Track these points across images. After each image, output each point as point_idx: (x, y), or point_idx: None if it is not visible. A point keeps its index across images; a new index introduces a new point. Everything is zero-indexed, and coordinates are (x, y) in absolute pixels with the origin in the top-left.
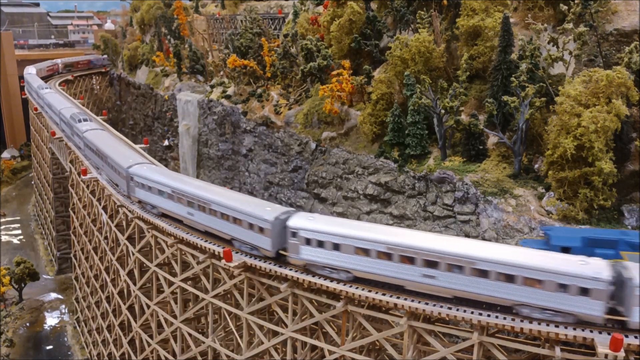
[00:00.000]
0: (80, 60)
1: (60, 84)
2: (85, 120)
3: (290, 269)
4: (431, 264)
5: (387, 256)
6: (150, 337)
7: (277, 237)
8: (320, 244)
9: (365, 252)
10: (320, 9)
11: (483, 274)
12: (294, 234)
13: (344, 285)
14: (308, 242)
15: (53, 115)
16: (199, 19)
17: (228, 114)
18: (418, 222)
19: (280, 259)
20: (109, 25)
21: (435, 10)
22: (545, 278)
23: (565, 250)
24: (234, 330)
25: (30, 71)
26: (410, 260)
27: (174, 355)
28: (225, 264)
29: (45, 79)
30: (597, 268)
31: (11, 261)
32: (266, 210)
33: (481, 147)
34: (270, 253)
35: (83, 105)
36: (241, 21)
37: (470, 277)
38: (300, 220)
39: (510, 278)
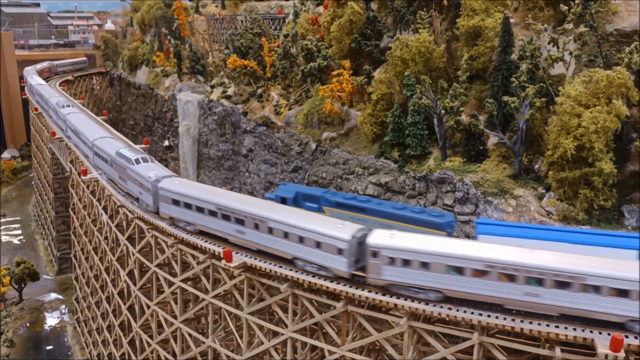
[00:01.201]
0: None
1: (60, 84)
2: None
3: (290, 269)
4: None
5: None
6: (151, 337)
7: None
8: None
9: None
10: (321, 9)
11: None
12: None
13: (344, 285)
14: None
15: (83, 147)
16: (199, 19)
17: (228, 114)
18: None
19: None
20: (109, 26)
21: (435, 11)
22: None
23: (283, 200)
24: (234, 330)
25: (39, 81)
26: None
27: (174, 355)
28: (225, 264)
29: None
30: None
31: (11, 261)
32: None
33: (481, 147)
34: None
35: (83, 106)
36: (241, 21)
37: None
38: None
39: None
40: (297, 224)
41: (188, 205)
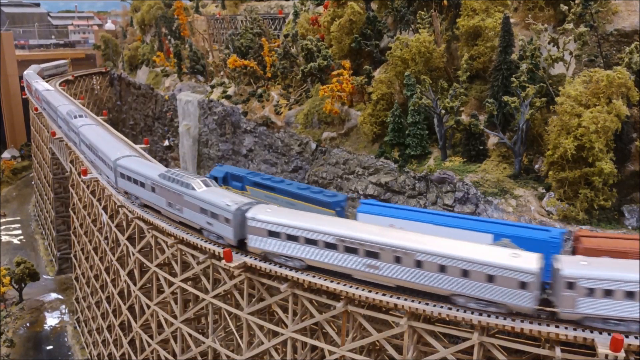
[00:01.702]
0: None
1: (60, 84)
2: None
3: (290, 269)
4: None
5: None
6: (151, 337)
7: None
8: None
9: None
10: (321, 9)
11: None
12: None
13: (344, 285)
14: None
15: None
16: (199, 19)
17: (228, 114)
18: None
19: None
20: (109, 26)
21: (435, 11)
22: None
23: (215, 179)
24: (234, 330)
25: (46, 86)
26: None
27: (174, 355)
28: (225, 264)
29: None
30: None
31: (11, 261)
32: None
33: (481, 147)
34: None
35: (83, 106)
36: (241, 21)
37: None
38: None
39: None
40: (460, 255)
41: (293, 238)
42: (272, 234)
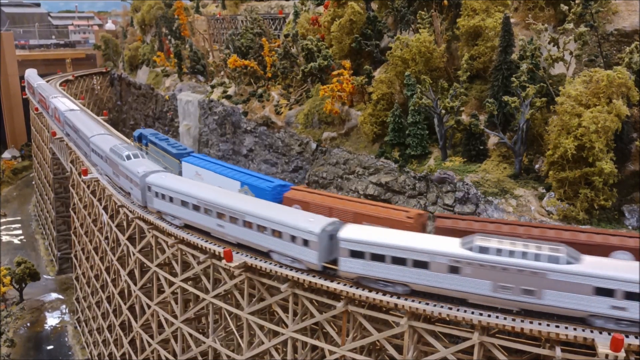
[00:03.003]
0: None
1: (60, 84)
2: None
3: (291, 270)
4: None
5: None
6: (151, 337)
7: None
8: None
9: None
10: (321, 9)
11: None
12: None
13: (344, 285)
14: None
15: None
16: (199, 19)
17: (229, 114)
18: None
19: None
20: (109, 26)
21: (435, 11)
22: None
23: (139, 139)
24: (234, 330)
25: (69, 105)
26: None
27: (175, 355)
28: (225, 264)
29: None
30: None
31: (12, 261)
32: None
33: (482, 147)
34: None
35: (84, 106)
36: (242, 21)
37: None
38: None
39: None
40: None
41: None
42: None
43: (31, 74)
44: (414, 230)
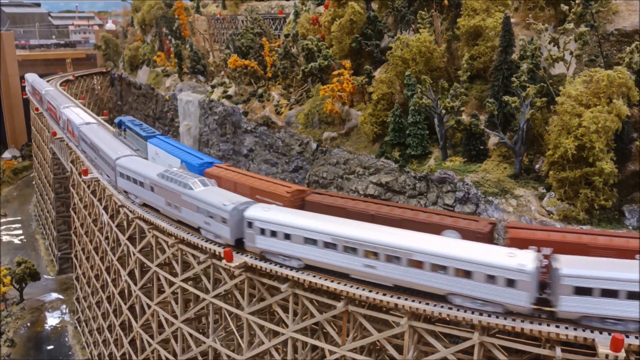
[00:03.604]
0: None
1: (61, 84)
2: None
3: (291, 269)
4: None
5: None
6: (151, 337)
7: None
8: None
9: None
10: (321, 9)
11: None
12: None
13: (345, 285)
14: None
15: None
16: (199, 19)
17: (229, 114)
18: None
19: None
20: (109, 26)
21: (436, 11)
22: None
23: (120, 125)
24: (234, 330)
25: (85, 117)
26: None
27: (175, 355)
28: (226, 264)
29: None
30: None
31: (12, 261)
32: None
33: (482, 147)
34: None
35: (84, 106)
36: (242, 21)
37: None
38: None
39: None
40: None
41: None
42: None
43: (36, 78)
44: (290, 203)
